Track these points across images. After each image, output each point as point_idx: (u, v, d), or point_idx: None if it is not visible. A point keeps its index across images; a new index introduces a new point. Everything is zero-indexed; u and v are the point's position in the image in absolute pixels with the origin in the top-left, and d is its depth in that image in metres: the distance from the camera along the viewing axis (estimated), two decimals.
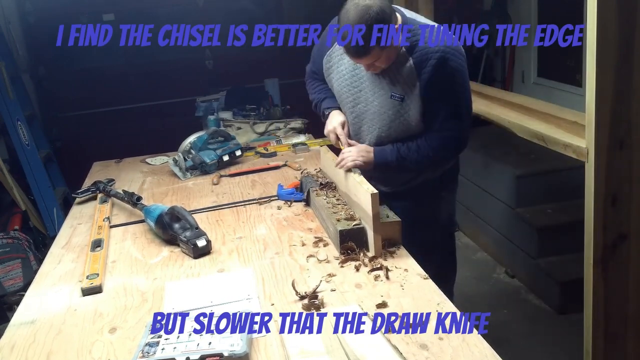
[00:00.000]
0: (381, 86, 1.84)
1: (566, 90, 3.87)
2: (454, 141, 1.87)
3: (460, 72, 1.78)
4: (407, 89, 1.80)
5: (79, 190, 2.36)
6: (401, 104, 1.82)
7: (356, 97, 1.94)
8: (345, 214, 1.75)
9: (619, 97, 1.70)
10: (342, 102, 2.01)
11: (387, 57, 1.74)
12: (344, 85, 1.96)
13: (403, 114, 1.84)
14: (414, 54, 1.76)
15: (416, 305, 1.37)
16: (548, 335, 2.70)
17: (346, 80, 1.94)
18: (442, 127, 1.82)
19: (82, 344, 1.33)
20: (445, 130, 1.83)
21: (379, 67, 1.78)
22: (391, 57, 1.76)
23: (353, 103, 1.95)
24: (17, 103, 3.62)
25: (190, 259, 1.72)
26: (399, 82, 1.80)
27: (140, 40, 4.64)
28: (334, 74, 1.99)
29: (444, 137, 1.84)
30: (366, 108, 1.92)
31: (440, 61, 1.73)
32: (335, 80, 1.99)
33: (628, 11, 1.64)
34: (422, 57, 1.75)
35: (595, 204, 1.77)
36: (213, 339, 1.21)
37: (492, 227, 3.44)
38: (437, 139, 1.84)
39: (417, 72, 1.76)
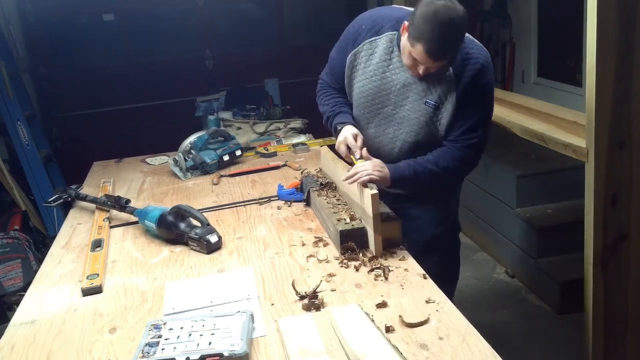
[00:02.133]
0: (416, 91, 1.81)
1: (566, 90, 3.87)
2: (471, 151, 1.80)
3: (493, 84, 1.80)
4: (443, 96, 1.77)
5: (50, 198, 2.32)
6: (435, 112, 1.79)
7: (384, 100, 1.88)
8: (346, 214, 1.75)
9: (619, 97, 1.70)
10: (365, 104, 1.93)
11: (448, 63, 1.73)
12: (370, 86, 1.89)
13: (435, 122, 1.81)
14: (454, 63, 1.74)
15: (416, 305, 1.37)
16: (548, 335, 2.70)
17: (374, 81, 1.88)
18: (463, 137, 1.77)
19: (82, 344, 1.33)
20: (466, 139, 1.77)
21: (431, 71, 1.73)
22: None
23: (379, 105, 1.90)
24: (17, 103, 3.62)
25: (190, 259, 1.72)
26: (435, 90, 1.77)
27: (140, 40, 4.65)
28: (358, 74, 1.92)
29: (464, 146, 1.78)
30: (394, 112, 1.87)
31: (479, 71, 1.73)
32: (359, 80, 1.91)
33: (628, 11, 1.64)
34: (461, 66, 1.74)
35: (595, 204, 1.77)
36: (213, 339, 1.21)
37: (492, 227, 3.44)
38: (454, 150, 1.79)
39: (455, 80, 1.75)
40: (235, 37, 4.86)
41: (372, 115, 1.93)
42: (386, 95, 1.86)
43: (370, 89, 1.89)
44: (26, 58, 4.37)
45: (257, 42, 4.88)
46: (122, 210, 2.06)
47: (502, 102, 2.69)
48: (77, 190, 2.29)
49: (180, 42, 4.77)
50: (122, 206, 2.06)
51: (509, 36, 4.47)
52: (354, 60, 1.91)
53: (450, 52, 1.66)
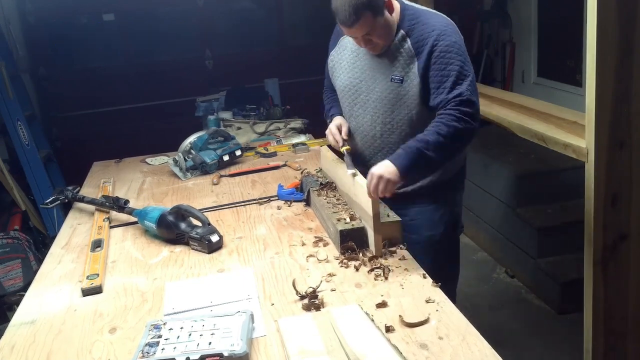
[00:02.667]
0: (381, 71, 1.86)
1: (566, 90, 3.88)
2: (464, 105, 1.72)
3: (456, 44, 1.78)
4: (406, 69, 1.81)
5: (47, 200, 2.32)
6: (401, 85, 1.83)
7: (358, 89, 1.95)
8: (346, 214, 1.75)
9: (619, 97, 1.70)
10: (345, 98, 2.01)
11: (382, 30, 1.77)
12: (345, 79, 1.98)
13: (403, 96, 1.84)
14: (411, 36, 1.80)
15: (416, 305, 1.37)
16: (548, 335, 2.70)
17: (347, 73, 1.97)
18: (450, 96, 1.73)
19: (82, 344, 1.33)
20: (454, 97, 1.73)
21: (377, 43, 1.80)
22: (387, 33, 1.79)
23: (355, 95, 1.96)
24: (17, 103, 3.62)
25: (190, 259, 1.73)
26: (399, 64, 1.82)
27: (140, 40, 4.65)
28: (337, 72, 2.02)
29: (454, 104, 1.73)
30: (368, 97, 1.92)
31: (438, 37, 1.76)
32: (338, 77, 2.01)
33: (628, 11, 1.64)
34: (419, 37, 1.79)
35: (595, 204, 1.77)
36: (213, 339, 1.21)
37: (492, 227, 3.44)
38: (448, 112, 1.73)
39: (415, 53, 1.79)
40: (235, 37, 4.86)
41: (351, 107, 2.00)
42: (359, 83, 1.94)
43: (346, 82, 1.98)
44: (26, 58, 4.37)
45: (257, 42, 4.88)
46: (121, 210, 2.06)
47: (502, 102, 2.69)
48: (74, 192, 2.28)
49: (180, 42, 4.77)
50: (120, 207, 2.06)
51: (509, 36, 4.47)
52: (333, 60, 2.04)
53: (358, 14, 1.68)
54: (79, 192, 2.34)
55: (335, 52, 2.03)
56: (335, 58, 2.03)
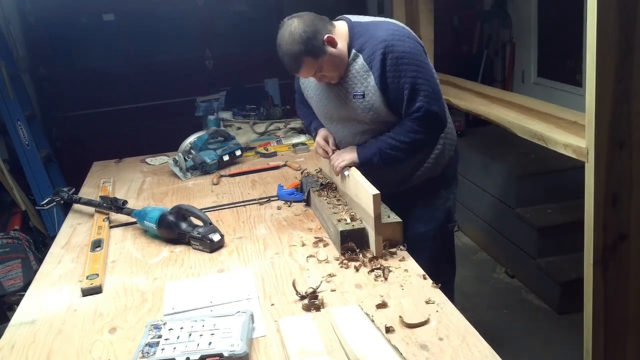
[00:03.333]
0: (343, 91, 1.91)
1: (566, 90, 3.87)
2: (424, 119, 1.84)
3: (407, 53, 1.81)
4: (364, 84, 1.86)
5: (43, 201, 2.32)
6: (364, 100, 1.87)
7: (328, 110, 2.02)
8: (346, 215, 1.75)
9: (619, 97, 1.70)
10: (322, 119, 2.11)
11: (330, 65, 1.84)
12: (315, 101, 2.06)
13: (370, 108, 1.88)
14: (363, 52, 1.84)
15: (416, 306, 1.37)
16: (548, 335, 2.70)
17: (316, 96, 2.04)
18: (409, 110, 1.84)
19: (82, 344, 1.33)
20: (413, 112, 1.83)
21: (330, 75, 1.88)
22: (335, 64, 1.85)
23: (328, 115, 2.05)
24: (17, 103, 3.62)
25: (190, 259, 1.73)
26: (357, 81, 1.87)
27: (140, 40, 4.64)
28: (308, 95, 2.10)
29: (414, 118, 1.84)
30: (340, 116, 1.99)
31: (386, 50, 1.79)
32: (310, 99, 2.10)
33: (628, 11, 1.64)
34: (370, 51, 1.82)
35: (595, 204, 1.77)
36: (213, 339, 1.21)
37: (492, 227, 3.44)
38: (409, 121, 1.86)
39: (368, 67, 1.83)
40: (235, 37, 4.86)
41: (329, 125, 2.08)
42: (328, 104, 2.00)
43: (318, 105, 2.06)
44: (26, 58, 4.37)
45: (257, 42, 4.87)
46: (119, 211, 2.05)
47: (502, 102, 2.69)
48: (70, 193, 2.27)
49: (180, 42, 4.77)
50: (119, 208, 2.05)
51: (509, 36, 4.47)
52: (303, 84, 2.11)
53: (299, 63, 1.81)
54: (77, 193, 2.33)
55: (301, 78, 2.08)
56: (304, 82, 2.09)
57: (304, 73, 1.87)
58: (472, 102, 2.80)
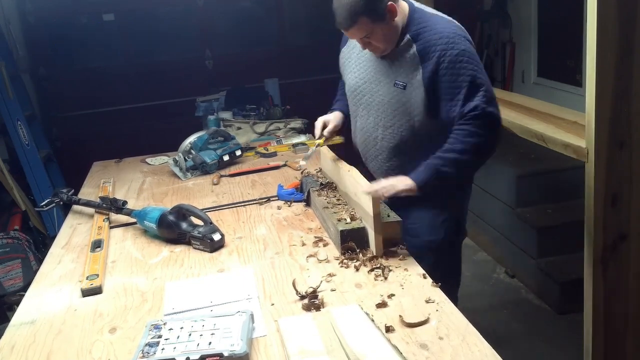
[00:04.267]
0: (385, 74, 1.82)
1: (566, 90, 3.87)
2: (482, 119, 1.67)
3: (467, 52, 1.70)
4: (410, 76, 1.76)
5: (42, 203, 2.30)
6: (403, 92, 1.78)
7: (363, 89, 1.92)
8: (346, 214, 1.75)
9: (619, 97, 1.70)
10: (351, 97, 2.00)
11: (382, 34, 1.73)
12: (351, 78, 1.96)
13: (405, 103, 1.79)
14: (418, 41, 1.74)
15: (416, 305, 1.37)
16: (548, 335, 2.70)
17: (354, 73, 1.95)
18: (464, 109, 1.68)
19: (82, 344, 1.33)
20: (469, 112, 1.67)
21: (377, 47, 1.77)
22: (386, 37, 1.74)
23: (360, 95, 1.94)
24: (17, 103, 3.62)
25: (190, 259, 1.73)
26: (402, 69, 1.77)
27: (140, 40, 4.64)
28: (345, 70, 2.01)
29: (470, 118, 1.68)
30: (372, 99, 1.89)
31: (446, 47, 1.69)
32: (346, 75, 2.01)
33: (628, 11, 1.64)
34: (426, 44, 1.72)
35: (595, 204, 1.77)
36: (213, 339, 1.21)
37: (492, 227, 3.44)
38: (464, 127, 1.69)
39: (420, 61, 1.73)
40: (235, 37, 4.86)
41: (357, 107, 1.98)
42: (363, 84, 1.92)
43: (352, 81, 1.97)
44: (26, 58, 4.37)
45: (257, 42, 4.88)
46: (119, 212, 2.05)
47: (502, 102, 2.67)
48: (69, 194, 2.25)
49: (180, 42, 4.76)
50: (119, 208, 2.05)
51: (509, 36, 4.47)
52: (342, 58, 2.03)
53: (355, 17, 1.66)
54: (77, 193, 2.33)
55: (345, 50, 2.01)
56: (344, 55, 2.01)
57: (353, 32, 1.72)
58: None
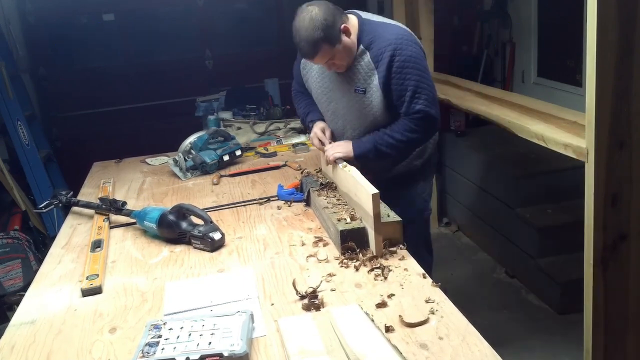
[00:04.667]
0: (346, 82, 2.02)
1: (566, 90, 3.87)
2: (422, 120, 1.96)
3: (414, 57, 1.92)
4: (367, 81, 1.97)
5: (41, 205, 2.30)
6: (364, 96, 1.99)
7: (329, 97, 2.13)
8: (346, 214, 1.75)
9: (619, 97, 1.70)
10: (320, 104, 2.20)
11: (343, 53, 1.92)
12: (317, 87, 2.16)
13: (367, 106, 2.01)
14: (371, 50, 1.94)
15: (416, 305, 1.37)
16: (548, 335, 2.70)
17: (318, 82, 2.15)
18: (409, 110, 1.95)
19: (82, 344, 1.33)
20: (412, 113, 1.95)
21: (340, 64, 1.96)
22: (347, 54, 1.94)
23: (327, 102, 2.15)
24: (17, 103, 3.62)
25: (190, 259, 1.73)
26: (360, 77, 1.98)
27: (140, 40, 4.64)
28: (310, 80, 2.19)
29: (412, 118, 1.96)
30: (338, 105, 2.10)
31: (394, 53, 1.89)
32: (311, 84, 2.19)
33: (628, 11, 1.64)
34: (377, 51, 1.92)
35: (595, 204, 1.77)
36: (213, 339, 1.21)
37: (492, 227, 3.43)
38: (407, 122, 1.97)
39: (374, 65, 1.94)
40: (235, 37, 4.86)
41: (325, 113, 2.19)
42: (329, 92, 2.11)
43: (318, 89, 2.16)
44: (26, 58, 4.37)
45: (257, 42, 4.88)
46: (118, 213, 2.04)
47: (502, 102, 2.69)
48: (67, 196, 2.24)
49: (180, 42, 4.77)
50: (118, 209, 2.04)
51: (509, 36, 4.46)
52: (304, 69, 2.20)
53: (317, 48, 1.87)
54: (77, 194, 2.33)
55: (305, 62, 2.17)
56: (306, 66, 2.18)
57: (318, 59, 1.93)
58: (472, 102, 2.80)
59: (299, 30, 1.88)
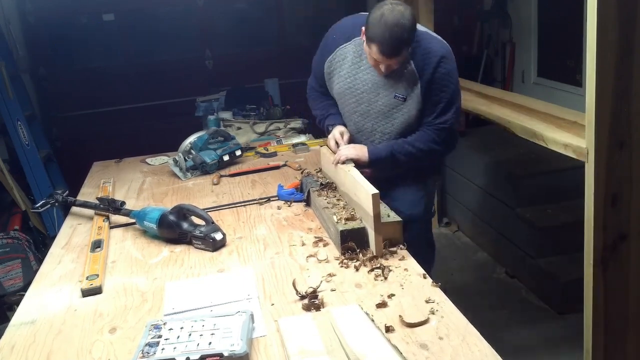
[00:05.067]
0: (385, 87, 2.02)
1: (566, 90, 3.87)
2: (445, 133, 2.01)
3: (454, 72, 1.99)
4: (409, 89, 1.98)
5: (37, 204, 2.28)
6: (404, 103, 2.00)
7: (359, 98, 2.10)
8: (346, 214, 1.75)
9: (619, 97, 1.70)
10: (345, 104, 2.16)
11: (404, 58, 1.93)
12: (345, 87, 2.12)
13: (405, 113, 2.02)
14: (414, 58, 1.95)
15: (416, 305, 1.37)
16: (548, 335, 2.70)
17: (348, 82, 2.10)
18: (436, 121, 1.99)
19: (82, 344, 1.33)
20: (439, 123, 1.99)
21: (394, 68, 1.95)
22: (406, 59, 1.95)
23: (356, 104, 2.12)
24: (17, 103, 3.62)
25: (190, 259, 1.73)
26: (401, 83, 1.99)
27: (140, 40, 4.64)
28: (335, 78, 2.14)
29: (437, 129, 2.00)
30: (369, 108, 2.08)
31: (439, 64, 1.93)
32: (336, 83, 2.14)
33: (628, 11, 1.64)
34: (422, 60, 1.94)
35: (595, 204, 1.77)
36: (213, 339, 1.21)
37: (492, 227, 3.44)
38: (430, 132, 2.01)
39: (418, 74, 1.96)
40: (235, 37, 4.86)
41: (351, 113, 2.16)
42: (360, 94, 2.09)
43: (346, 90, 2.12)
44: (26, 58, 4.37)
45: (257, 42, 4.88)
46: (117, 212, 2.03)
47: (502, 102, 2.69)
48: (64, 195, 2.23)
49: (180, 42, 4.77)
50: (117, 209, 2.03)
51: (509, 36, 4.47)
52: (331, 67, 2.14)
53: (401, 49, 1.86)
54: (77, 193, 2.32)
55: (332, 59, 2.12)
56: (333, 65, 2.13)
57: (394, 60, 1.89)
58: (472, 102, 2.80)
59: (388, 25, 1.78)
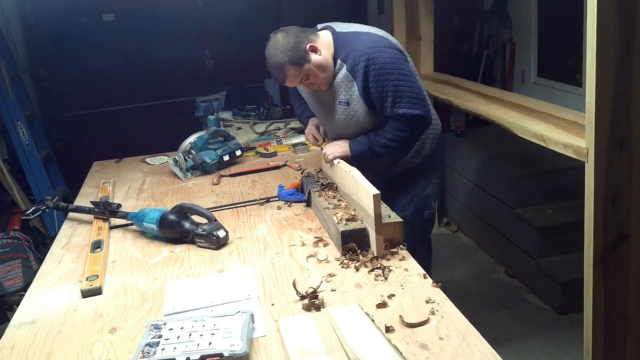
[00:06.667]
0: (331, 96, 2.07)
1: (566, 90, 3.87)
2: (407, 119, 1.98)
3: (388, 63, 1.92)
4: (349, 92, 2.01)
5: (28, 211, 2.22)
6: (348, 107, 2.03)
7: (320, 111, 2.19)
8: (347, 215, 1.75)
9: (619, 97, 1.70)
10: (317, 117, 2.29)
11: (315, 71, 1.96)
12: (311, 105, 2.24)
13: (353, 116, 2.04)
14: (347, 62, 1.97)
15: (416, 305, 1.37)
16: (548, 335, 2.70)
17: (311, 101, 2.22)
18: (394, 112, 1.97)
19: (82, 344, 1.33)
20: (397, 114, 1.97)
21: (318, 82, 2.01)
22: (321, 71, 1.97)
23: (323, 118, 2.20)
24: (17, 103, 3.62)
25: (190, 259, 1.73)
26: (341, 89, 2.02)
27: (140, 40, 4.65)
28: (303, 95, 2.27)
29: (398, 119, 1.99)
30: (327, 119, 2.17)
31: (367, 62, 1.91)
32: (305, 99, 2.27)
33: (628, 11, 1.64)
34: (352, 62, 1.95)
35: (595, 204, 1.77)
36: (213, 339, 1.21)
37: (492, 227, 3.44)
38: (393, 123, 2.01)
39: (352, 77, 1.97)
40: (235, 37, 4.87)
41: (324, 125, 2.24)
42: (320, 106, 2.17)
43: (312, 107, 2.24)
44: (26, 58, 4.37)
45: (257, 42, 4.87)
46: (113, 215, 2.00)
47: (502, 102, 2.69)
48: (54, 201, 2.18)
49: (180, 42, 4.77)
50: (112, 211, 2.01)
51: (509, 36, 4.47)
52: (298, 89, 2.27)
53: (284, 70, 1.94)
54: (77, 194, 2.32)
55: None
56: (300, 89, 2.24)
57: (290, 82, 1.99)
58: (472, 102, 2.80)
59: (267, 57, 1.96)
